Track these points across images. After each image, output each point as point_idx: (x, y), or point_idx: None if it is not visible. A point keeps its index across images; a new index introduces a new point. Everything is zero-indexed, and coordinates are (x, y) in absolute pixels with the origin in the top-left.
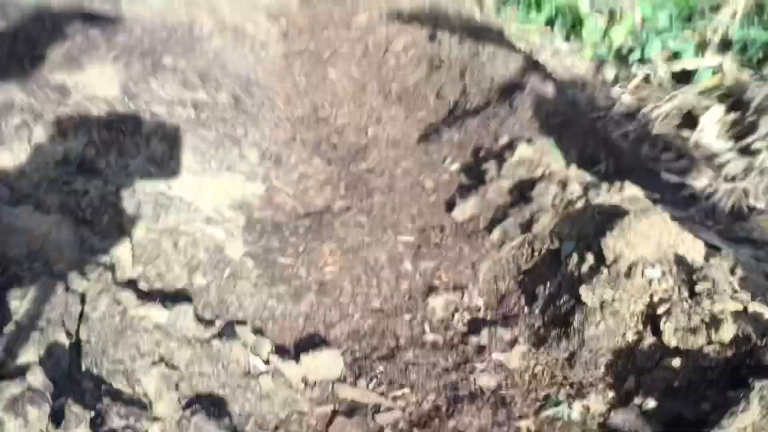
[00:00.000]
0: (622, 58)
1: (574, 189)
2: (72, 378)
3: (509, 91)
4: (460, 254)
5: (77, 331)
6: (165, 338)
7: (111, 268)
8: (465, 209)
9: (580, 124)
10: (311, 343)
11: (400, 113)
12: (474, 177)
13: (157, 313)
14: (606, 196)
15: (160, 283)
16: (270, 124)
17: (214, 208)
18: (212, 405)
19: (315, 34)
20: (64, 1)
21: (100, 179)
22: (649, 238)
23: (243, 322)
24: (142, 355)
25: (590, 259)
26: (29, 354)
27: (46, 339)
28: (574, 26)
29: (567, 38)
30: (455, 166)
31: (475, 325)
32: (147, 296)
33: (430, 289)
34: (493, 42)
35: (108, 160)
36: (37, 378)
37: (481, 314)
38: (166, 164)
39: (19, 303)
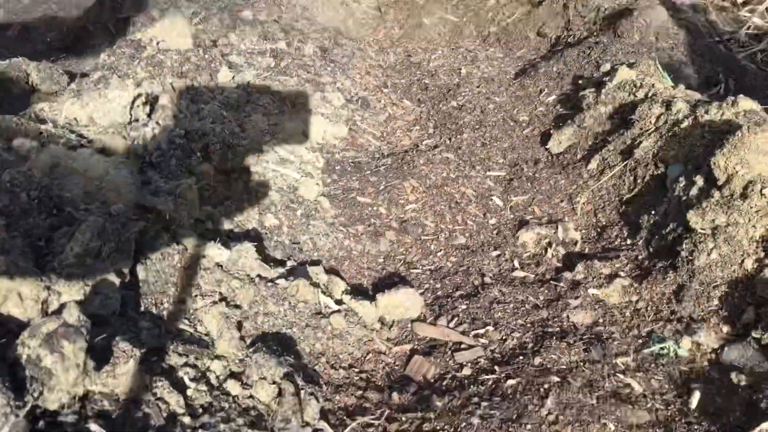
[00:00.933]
0: None
1: (681, 107)
2: (127, 317)
3: (617, 18)
4: (555, 187)
5: (132, 270)
6: (226, 277)
7: (175, 206)
8: (561, 140)
9: (697, 46)
10: (390, 283)
11: (497, 53)
12: (571, 107)
13: (217, 252)
14: (716, 113)
15: (229, 224)
16: (360, 71)
17: (290, 150)
18: (279, 344)
19: None
20: None
21: (171, 123)
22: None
23: (317, 262)
24: (203, 295)
25: (699, 181)
26: (72, 292)
27: (94, 278)
28: None
29: None
30: (552, 98)
31: (570, 260)
32: (211, 235)
33: (521, 224)
34: None
35: (180, 106)
36: (72, 315)
37: (577, 248)
38: (241, 108)
39: (66, 241)
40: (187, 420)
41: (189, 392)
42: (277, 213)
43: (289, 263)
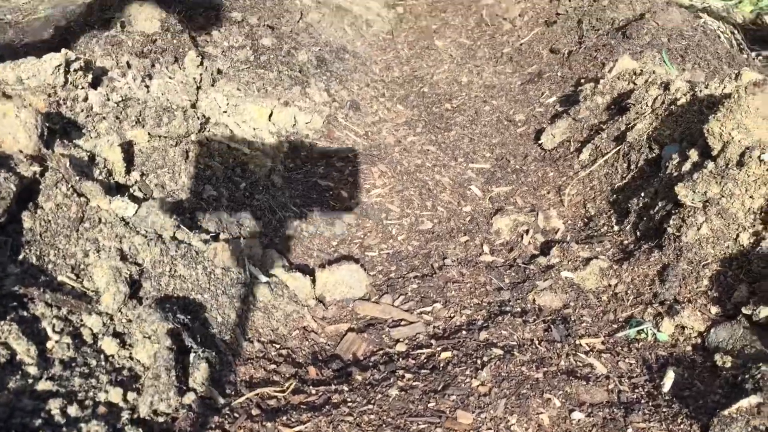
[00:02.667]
0: None
1: (680, 86)
2: None
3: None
4: (542, 179)
5: (16, 219)
6: (129, 233)
7: (89, 163)
8: (554, 134)
9: (713, 48)
10: (339, 264)
11: (507, 69)
12: (570, 105)
13: (122, 205)
14: (717, 87)
15: (161, 194)
16: (360, 83)
17: (253, 133)
18: (182, 309)
19: (432, 16)
20: None
21: (112, 92)
22: None
23: (256, 236)
24: (99, 250)
25: (694, 155)
26: None
27: None
28: None
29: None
30: (552, 99)
31: (547, 248)
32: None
33: (498, 211)
34: None
35: (130, 79)
36: None
37: (558, 236)
38: (202, 89)
39: None
40: (32, 370)
41: (49, 344)
42: (218, 185)
43: (223, 236)
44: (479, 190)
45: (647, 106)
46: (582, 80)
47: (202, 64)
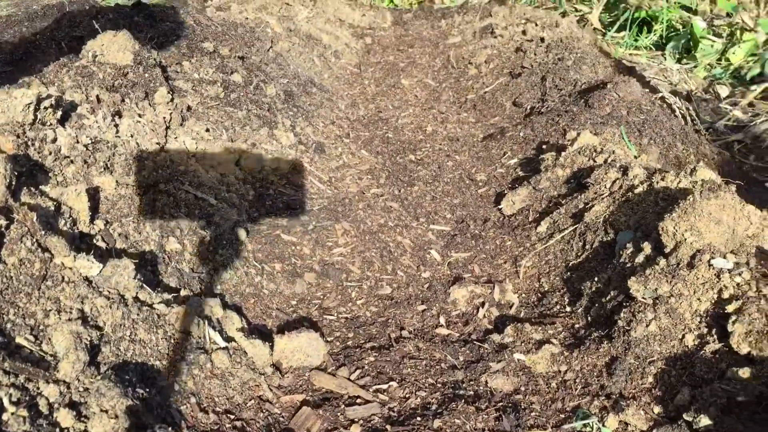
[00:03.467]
0: (739, 78)
1: (638, 173)
2: None
3: (592, 92)
4: (500, 247)
5: None
6: (92, 294)
7: (55, 213)
8: (514, 201)
9: (669, 124)
10: (298, 327)
11: (470, 117)
12: (531, 170)
13: (86, 264)
14: (673, 180)
15: (124, 244)
16: (326, 120)
17: (216, 177)
18: (140, 376)
19: (399, 50)
20: None
21: (80, 131)
22: (720, 223)
23: (216, 296)
24: (60, 311)
25: (647, 248)
26: None
27: None
28: (688, 50)
29: (679, 61)
30: (513, 161)
31: (502, 323)
32: (98, 255)
33: (456, 281)
34: (584, 46)
35: (99, 118)
36: None
37: (512, 311)
38: (171, 129)
39: None
40: None
41: (5, 416)
42: (182, 238)
43: (184, 292)
44: (438, 254)
45: (606, 188)
46: (543, 145)
47: (172, 100)
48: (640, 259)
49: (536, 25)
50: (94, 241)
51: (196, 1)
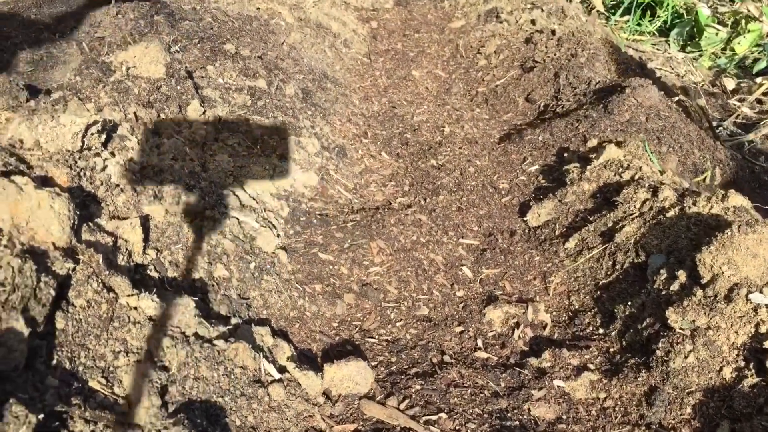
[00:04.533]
0: (745, 68)
1: (668, 195)
2: (33, 371)
3: (608, 94)
4: (529, 262)
5: (49, 319)
6: (157, 334)
7: (113, 248)
8: (540, 213)
9: (686, 130)
10: (342, 351)
11: (483, 114)
12: (554, 179)
13: (151, 305)
14: (705, 205)
15: (175, 272)
16: (342, 118)
17: (255, 195)
18: (206, 414)
19: (405, 36)
20: None
21: (125, 155)
22: (757, 257)
23: (264, 322)
24: (128, 352)
25: (682, 277)
26: None
27: None
28: (692, 36)
29: (683, 49)
30: (534, 168)
31: (537, 345)
32: (152, 282)
33: (490, 300)
34: (595, 41)
35: (140, 138)
36: None
37: (546, 332)
38: (207, 146)
39: None
40: None
41: None
42: (229, 264)
43: (234, 320)
44: (470, 271)
45: (635, 208)
46: (564, 152)
47: (204, 113)
48: (675, 287)
49: (543, 11)
50: (148, 271)
51: None
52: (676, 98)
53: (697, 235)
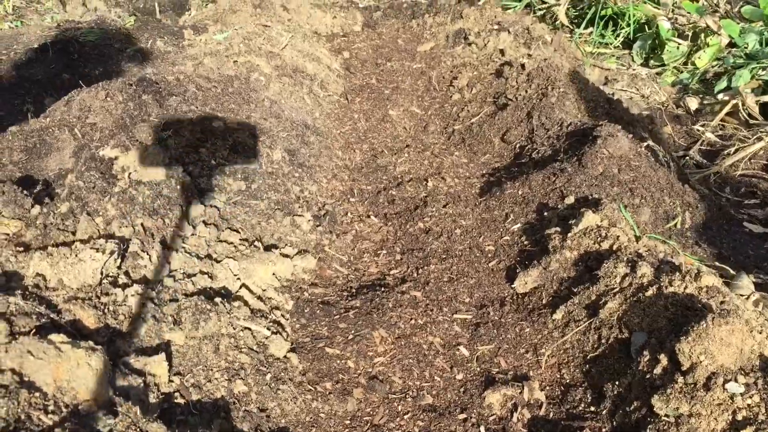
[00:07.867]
0: (707, 82)
1: (645, 272)
2: None
3: (580, 138)
4: (520, 335)
5: None
6: None
7: (144, 389)
8: (527, 281)
9: (656, 177)
10: None
11: (462, 158)
12: (536, 242)
13: None
14: (680, 285)
15: (198, 394)
16: (327, 174)
17: (261, 295)
18: None
19: (377, 65)
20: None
21: (139, 273)
22: (731, 345)
23: (284, 431)
24: None
25: (664, 360)
26: None
27: None
28: (654, 49)
29: (645, 62)
30: (517, 226)
31: (535, 426)
32: (179, 413)
33: (488, 382)
34: (564, 76)
35: (150, 252)
36: None
37: (542, 412)
38: (211, 249)
39: None
40: None
41: None
42: (247, 378)
43: None
44: (466, 350)
45: (616, 283)
46: (544, 210)
47: (205, 211)
48: (658, 370)
49: (509, 33)
50: (173, 399)
51: (169, 18)
52: (645, 144)
53: (675, 315)
